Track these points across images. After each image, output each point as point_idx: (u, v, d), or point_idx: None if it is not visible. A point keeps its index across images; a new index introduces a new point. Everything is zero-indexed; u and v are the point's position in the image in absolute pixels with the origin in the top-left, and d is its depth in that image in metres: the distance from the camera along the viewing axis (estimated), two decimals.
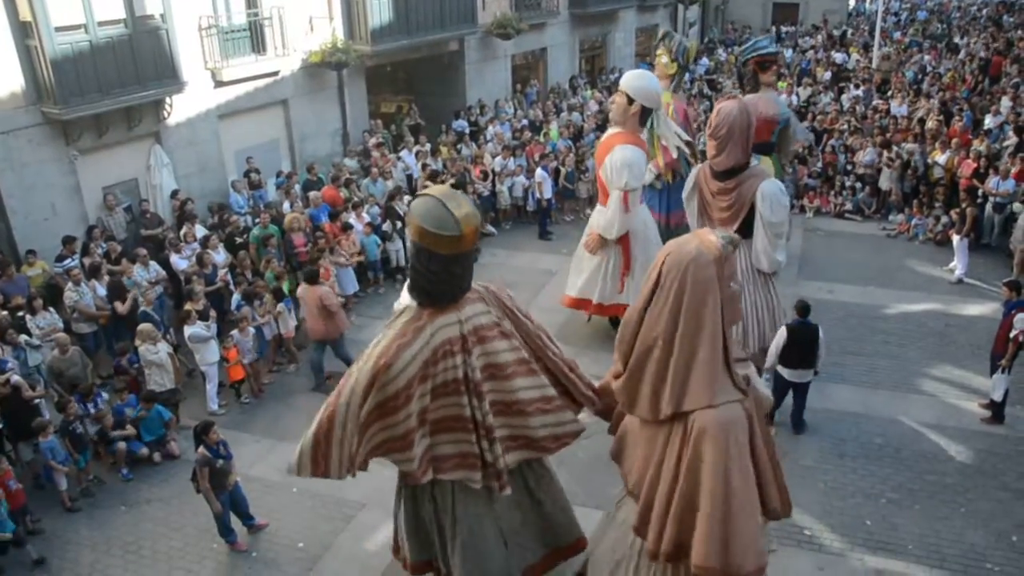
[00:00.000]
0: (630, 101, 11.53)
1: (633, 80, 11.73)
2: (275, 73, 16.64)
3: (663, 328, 4.99)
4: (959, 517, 8.71)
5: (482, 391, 6.38)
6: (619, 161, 11.37)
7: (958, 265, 14.34)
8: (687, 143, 13.50)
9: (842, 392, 11.04)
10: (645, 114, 11.78)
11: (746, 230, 10.02)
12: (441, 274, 6.15)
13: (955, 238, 14.57)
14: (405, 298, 6.54)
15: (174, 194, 14.61)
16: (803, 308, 9.96)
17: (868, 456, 9.77)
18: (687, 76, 27.18)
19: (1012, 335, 9.85)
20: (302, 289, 11.70)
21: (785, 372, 9.96)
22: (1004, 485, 9.20)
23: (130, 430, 10.14)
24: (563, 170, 17.69)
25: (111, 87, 13.13)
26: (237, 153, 16.43)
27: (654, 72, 14.48)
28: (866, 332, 12.55)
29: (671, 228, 14.53)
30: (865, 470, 9.52)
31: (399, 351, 6.10)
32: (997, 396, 10.17)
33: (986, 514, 8.76)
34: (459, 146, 18.69)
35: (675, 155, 13.10)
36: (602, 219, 11.93)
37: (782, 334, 9.80)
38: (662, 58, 14.19)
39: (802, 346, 9.76)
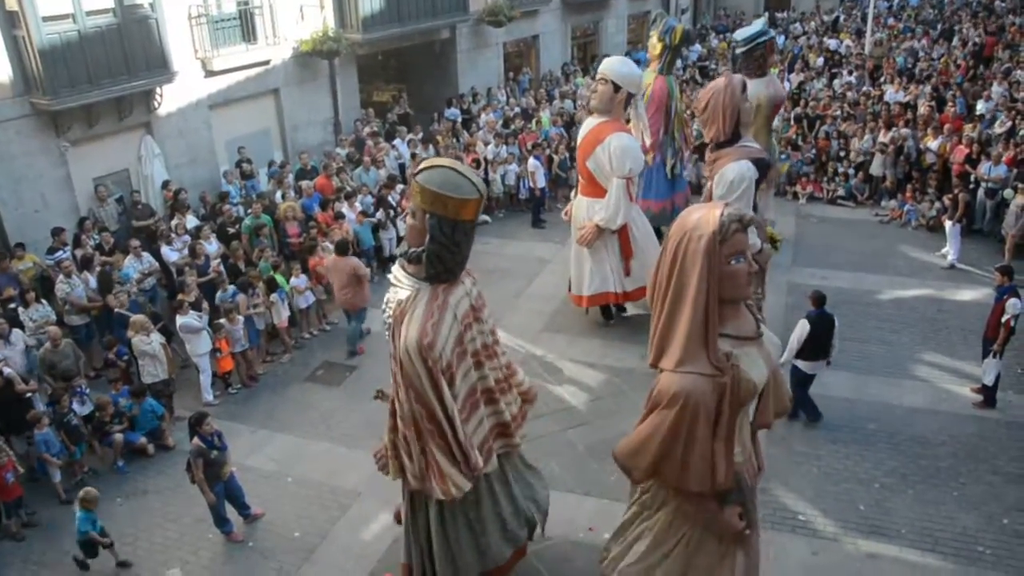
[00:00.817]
0: (616, 88, 11.47)
1: (618, 67, 11.65)
2: (266, 62, 16.56)
3: (659, 288, 5.29)
4: (951, 501, 8.76)
5: (496, 353, 6.89)
6: (619, 149, 11.26)
7: (950, 251, 14.38)
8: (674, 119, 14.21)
9: (835, 378, 11.06)
10: (629, 100, 11.74)
11: None
12: (463, 243, 6.34)
13: (947, 224, 14.60)
14: (407, 282, 6.52)
15: (165, 184, 14.53)
16: (819, 298, 9.85)
17: (861, 441, 9.81)
18: (679, 63, 27.26)
19: (1003, 320, 9.88)
20: (331, 260, 12.19)
21: (802, 364, 9.89)
22: (995, 469, 9.26)
23: (125, 423, 10.12)
24: (556, 158, 17.67)
25: (101, 77, 13.04)
26: (228, 143, 16.37)
27: (648, 54, 14.60)
28: (859, 318, 12.58)
29: (653, 213, 14.55)
30: (858, 455, 9.56)
31: (435, 330, 6.19)
32: (989, 380, 10.22)
33: (978, 498, 8.82)
34: (452, 134, 18.65)
35: (645, 142, 13.00)
36: (603, 211, 11.69)
37: (804, 326, 9.68)
38: (652, 38, 14.31)
39: (819, 337, 9.70)
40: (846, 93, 21.44)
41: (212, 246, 12.92)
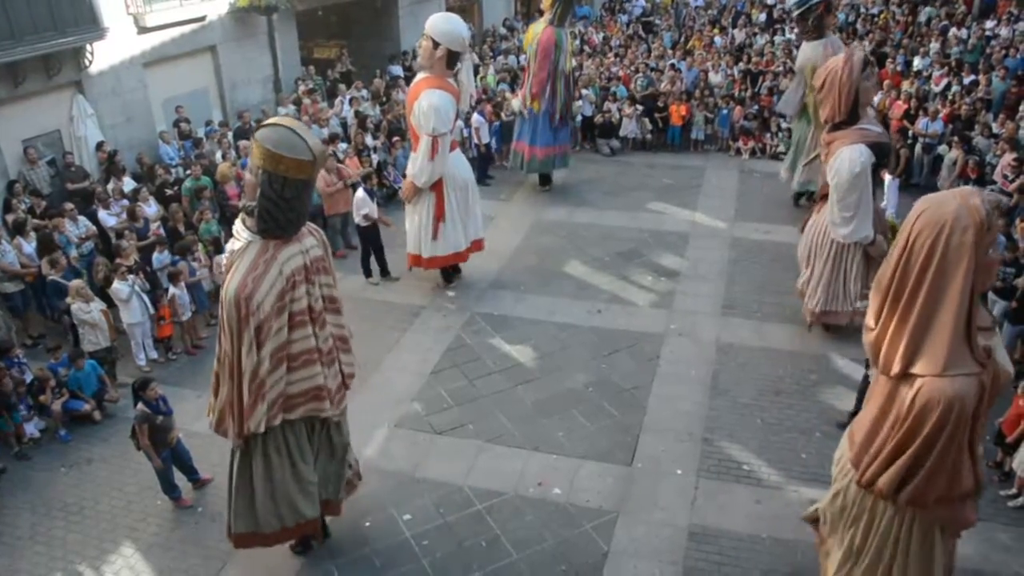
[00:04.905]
0: (435, 45, 11.48)
1: (439, 24, 11.62)
2: (202, 18, 16.08)
3: (908, 287, 4.90)
4: None
5: (325, 320, 7.11)
6: (426, 106, 11.38)
7: (888, 204, 14.69)
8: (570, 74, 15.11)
9: (779, 331, 11.32)
10: (453, 58, 11.68)
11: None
12: (294, 201, 6.60)
13: (887, 178, 14.89)
14: (243, 234, 6.85)
15: (100, 146, 14.08)
16: None
17: (804, 392, 10.06)
18: (624, 18, 27.17)
19: None
20: (323, 181, 12.76)
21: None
22: None
23: (64, 395, 9.85)
24: (502, 114, 17.53)
25: (24, 33, 12.48)
26: (165, 102, 15.93)
27: (542, 4, 15.17)
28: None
29: (535, 159, 15.74)
30: (801, 406, 9.81)
31: (256, 283, 6.52)
32: None
33: None
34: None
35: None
36: (413, 166, 11.93)
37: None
38: None
39: None
40: (789, 49, 21.59)
41: (151, 209, 12.59)
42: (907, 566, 5.67)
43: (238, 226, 6.96)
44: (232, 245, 7.09)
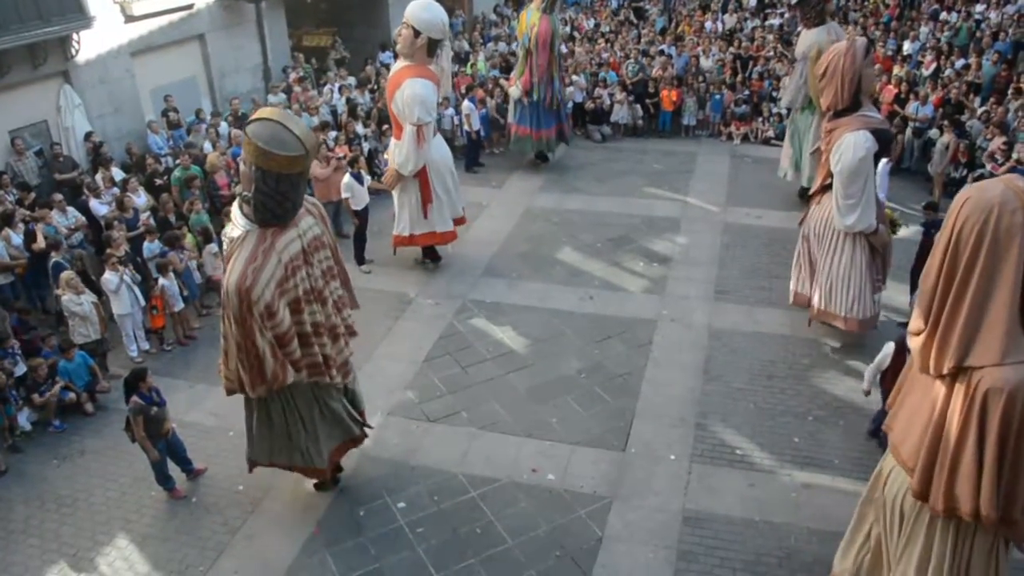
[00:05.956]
0: (416, 33, 11.49)
1: (418, 12, 11.62)
2: (189, 6, 15.95)
3: (958, 278, 4.74)
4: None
5: (325, 296, 7.35)
6: (409, 96, 11.41)
7: (879, 188, 14.63)
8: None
9: (771, 315, 11.34)
10: (433, 45, 11.70)
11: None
12: (288, 193, 6.75)
13: (881, 161, 14.81)
14: (240, 223, 6.97)
15: (88, 136, 13.98)
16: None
17: (796, 376, 10.09)
18: (614, 3, 27.08)
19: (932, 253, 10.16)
20: (313, 166, 12.42)
21: None
22: None
23: (56, 387, 9.79)
24: (492, 101, 17.46)
25: (9, 23, 12.35)
26: (154, 91, 15.81)
27: None
28: (791, 257, 12.76)
29: (540, 140, 16.21)
30: (793, 390, 9.84)
31: (256, 274, 6.68)
32: None
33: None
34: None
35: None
36: (398, 155, 11.98)
37: (889, 350, 8.24)
38: None
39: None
40: (780, 34, 21.56)
41: (140, 199, 12.52)
42: None
43: (235, 213, 7.05)
44: (231, 232, 7.19)
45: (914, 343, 5.22)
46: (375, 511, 8.23)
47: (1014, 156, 13.32)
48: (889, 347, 8.21)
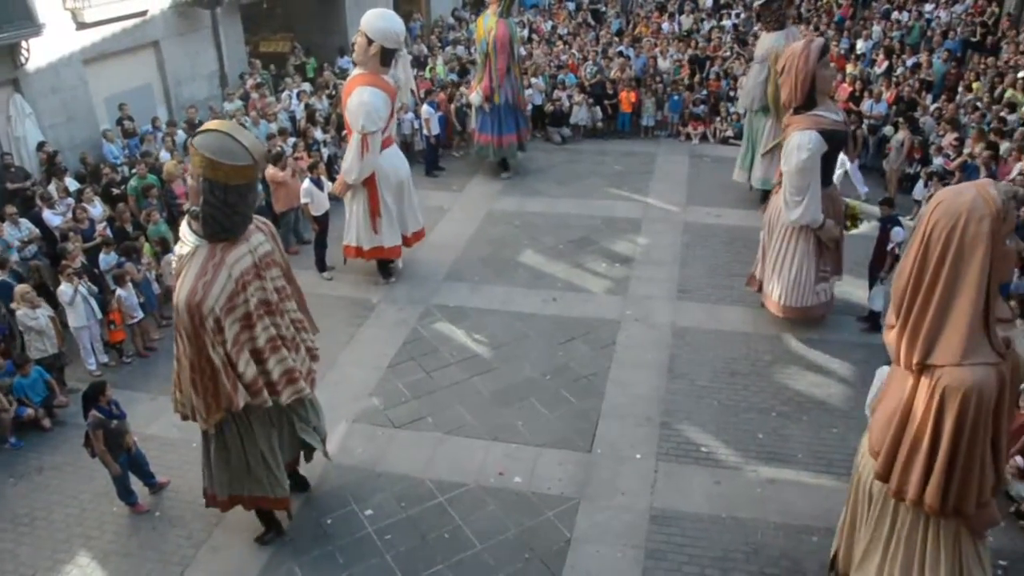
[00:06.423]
0: (370, 42, 11.49)
1: (373, 21, 11.63)
2: (143, 13, 15.71)
3: (927, 278, 4.90)
4: (843, 425, 9.22)
5: (283, 309, 7.29)
6: (356, 104, 11.45)
7: (858, 185, 14.65)
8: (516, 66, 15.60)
9: (731, 313, 11.46)
10: (387, 55, 11.69)
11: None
12: (238, 205, 6.67)
13: (848, 164, 14.73)
14: (190, 239, 6.87)
15: (40, 146, 13.70)
16: None
17: (759, 373, 10.21)
18: (571, 5, 27.20)
19: (889, 248, 10.41)
20: (271, 171, 12.80)
21: None
22: None
23: (12, 405, 9.58)
24: (452, 105, 17.44)
25: None
26: (108, 100, 15.53)
27: None
28: (751, 254, 12.89)
29: (502, 147, 16.22)
30: (756, 386, 9.95)
31: (207, 288, 6.59)
32: (876, 306, 10.73)
33: (867, 420, 9.28)
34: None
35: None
36: (344, 162, 12.04)
37: (883, 375, 7.97)
38: None
39: None
40: (736, 34, 21.80)
41: (96, 209, 12.30)
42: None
43: (184, 230, 6.95)
44: (180, 249, 7.11)
45: (888, 336, 5.49)
46: (342, 519, 8.17)
47: (965, 151, 13.60)
48: (883, 371, 8.06)
